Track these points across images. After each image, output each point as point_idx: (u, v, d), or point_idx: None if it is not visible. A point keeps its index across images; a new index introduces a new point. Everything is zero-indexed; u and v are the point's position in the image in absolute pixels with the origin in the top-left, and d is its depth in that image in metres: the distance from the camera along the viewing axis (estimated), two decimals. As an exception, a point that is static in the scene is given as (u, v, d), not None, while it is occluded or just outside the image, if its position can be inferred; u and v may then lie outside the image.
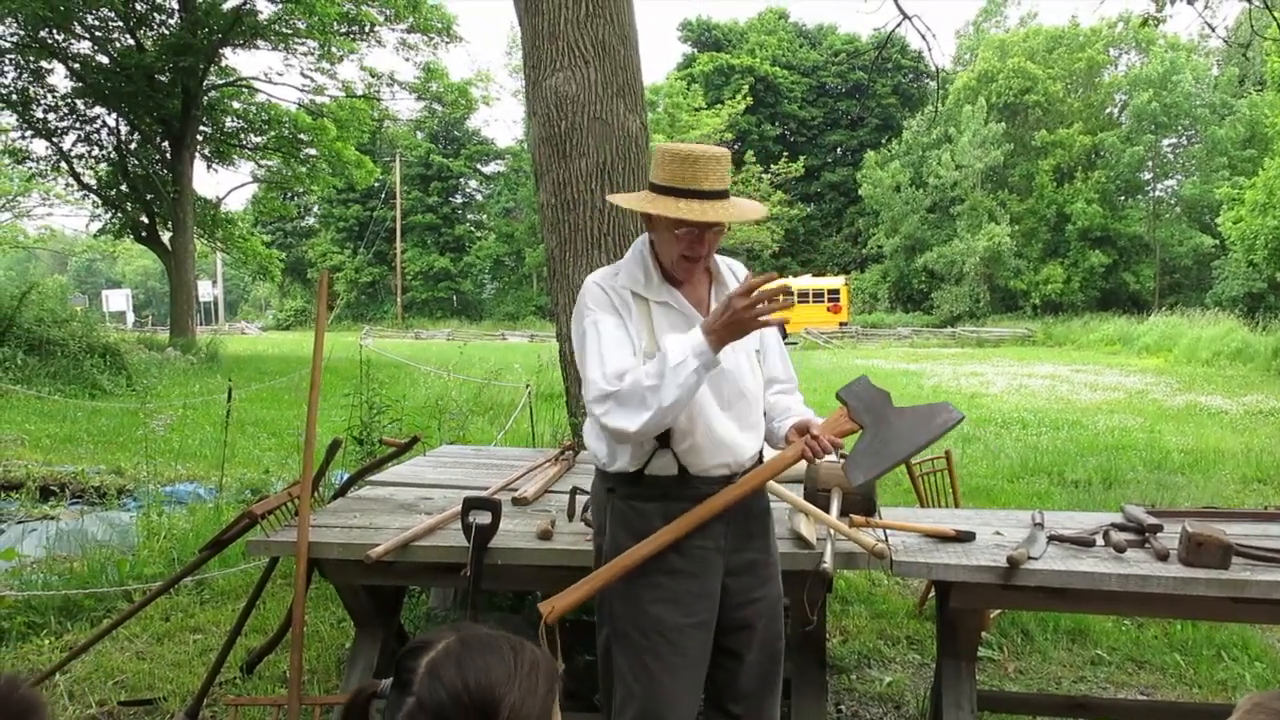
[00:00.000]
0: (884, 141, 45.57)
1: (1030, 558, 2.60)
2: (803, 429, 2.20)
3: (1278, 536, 2.88)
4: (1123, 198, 38.37)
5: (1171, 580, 2.51)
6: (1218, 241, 30.39)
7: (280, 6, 21.93)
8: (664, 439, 2.16)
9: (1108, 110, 41.26)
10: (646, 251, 2.25)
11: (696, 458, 2.18)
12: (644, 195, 2.19)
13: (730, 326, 1.99)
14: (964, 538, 2.82)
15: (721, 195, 2.11)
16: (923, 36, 7.00)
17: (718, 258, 2.32)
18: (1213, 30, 8.19)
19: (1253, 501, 6.92)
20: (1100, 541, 2.76)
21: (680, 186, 2.09)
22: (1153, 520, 2.85)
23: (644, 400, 2.02)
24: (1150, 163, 38.26)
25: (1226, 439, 9.78)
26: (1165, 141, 38.47)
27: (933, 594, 3.79)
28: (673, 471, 2.18)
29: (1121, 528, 2.88)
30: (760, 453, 2.33)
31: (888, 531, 2.90)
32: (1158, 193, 39.63)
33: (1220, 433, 10.31)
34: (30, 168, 24.01)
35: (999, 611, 4.06)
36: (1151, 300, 35.82)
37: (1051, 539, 2.80)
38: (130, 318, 46.87)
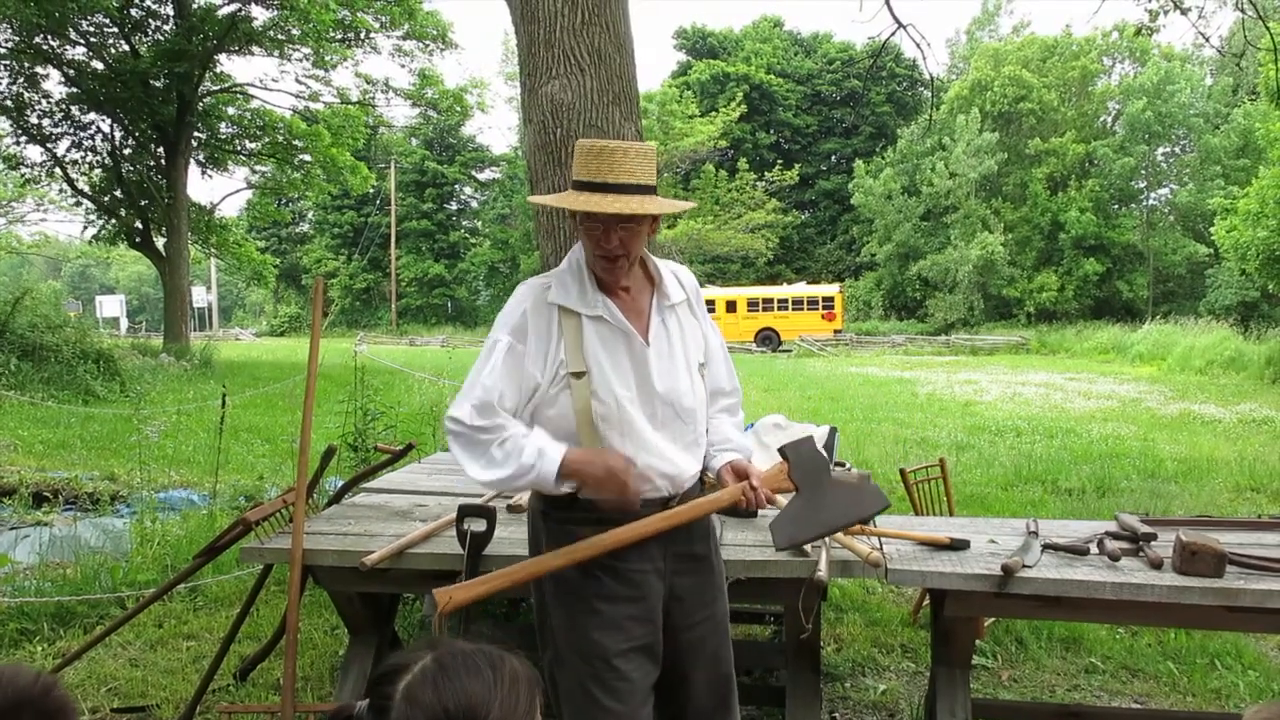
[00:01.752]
0: (878, 149, 45.68)
1: (1025, 566, 2.61)
2: (740, 472, 2.17)
3: (1272, 545, 2.88)
4: (1116, 206, 38.48)
5: (1166, 589, 2.51)
6: (1211, 250, 30.44)
7: (275, 13, 21.93)
8: None
9: (1101, 119, 41.43)
10: (581, 259, 2.14)
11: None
12: (564, 194, 2.11)
13: (595, 480, 2.00)
14: (958, 546, 2.83)
15: (634, 190, 2.02)
16: (917, 45, 6.99)
17: (664, 264, 2.24)
18: (1206, 40, 8.23)
19: (1246, 510, 6.93)
20: (1095, 550, 2.77)
21: (589, 180, 2.03)
22: (1147, 529, 2.86)
23: (486, 458, 2.04)
24: (1144, 171, 38.39)
25: (1220, 447, 9.80)
26: (1159, 150, 38.59)
27: (927, 602, 3.80)
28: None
29: (1116, 536, 2.89)
30: (702, 474, 2.27)
31: (882, 539, 2.91)
32: (1151, 201, 39.73)
33: (1214, 441, 10.33)
34: (24, 173, 23.94)
35: (993, 620, 4.06)
36: (1145, 308, 35.86)
37: (1046, 547, 2.80)
38: (124, 323, 46.83)
